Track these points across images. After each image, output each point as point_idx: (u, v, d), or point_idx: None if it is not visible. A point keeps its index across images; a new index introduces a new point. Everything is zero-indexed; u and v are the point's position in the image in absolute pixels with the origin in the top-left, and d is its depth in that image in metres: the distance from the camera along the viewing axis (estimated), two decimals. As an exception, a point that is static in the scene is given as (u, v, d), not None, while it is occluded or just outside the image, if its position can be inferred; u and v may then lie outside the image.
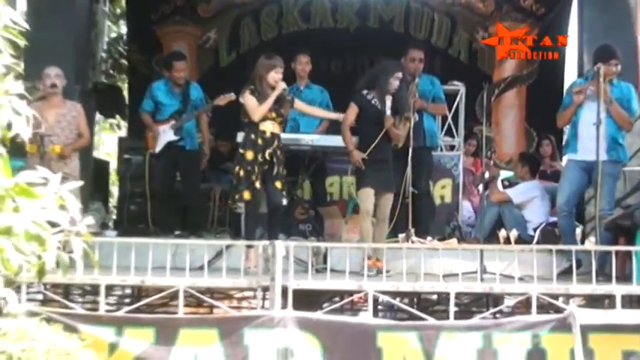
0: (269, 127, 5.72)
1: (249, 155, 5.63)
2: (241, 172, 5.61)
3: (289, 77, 6.59)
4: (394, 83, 5.74)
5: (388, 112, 5.71)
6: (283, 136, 6.01)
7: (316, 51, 8.58)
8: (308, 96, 6.90)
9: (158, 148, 6.92)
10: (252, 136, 5.67)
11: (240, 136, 5.91)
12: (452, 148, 7.73)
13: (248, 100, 5.68)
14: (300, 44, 8.38)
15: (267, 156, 5.64)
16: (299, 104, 6.03)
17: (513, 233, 6.54)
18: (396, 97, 5.78)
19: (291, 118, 6.90)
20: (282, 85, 5.72)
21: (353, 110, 5.82)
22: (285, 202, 5.78)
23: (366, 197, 5.67)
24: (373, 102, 5.79)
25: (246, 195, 5.59)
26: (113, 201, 9.48)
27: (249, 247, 5.43)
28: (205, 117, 7.17)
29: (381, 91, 5.75)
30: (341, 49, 9.39)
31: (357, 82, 5.97)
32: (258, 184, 5.60)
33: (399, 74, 5.80)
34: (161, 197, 6.94)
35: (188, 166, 6.95)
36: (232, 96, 6.55)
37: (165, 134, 6.92)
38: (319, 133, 6.77)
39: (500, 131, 9.48)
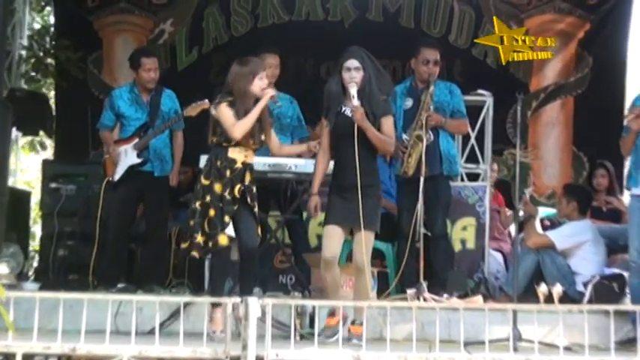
0: (240, 154, 5.74)
1: (218, 188, 5.68)
2: (211, 211, 5.64)
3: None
4: (346, 77, 5.71)
5: (355, 100, 5.63)
6: (258, 160, 6.05)
7: (302, 50, 8.72)
8: (276, 108, 6.92)
9: (117, 175, 6.99)
10: (218, 163, 5.72)
11: (203, 160, 5.95)
12: (476, 177, 7.81)
13: (223, 113, 5.70)
14: (280, 41, 8.47)
15: (236, 193, 5.68)
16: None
17: (557, 289, 6.56)
18: (364, 92, 5.70)
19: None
20: (271, 92, 5.80)
21: (323, 127, 5.84)
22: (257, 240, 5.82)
23: (329, 238, 5.66)
24: (341, 109, 5.76)
25: (223, 240, 5.63)
26: (34, 244, 9.48)
27: (214, 305, 5.46)
28: (181, 134, 7.22)
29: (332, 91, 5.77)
30: (333, 49, 9.34)
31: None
32: (226, 225, 5.64)
33: (353, 62, 5.72)
34: (114, 238, 6.99)
35: (156, 197, 7.03)
36: (206, 103, 6.62)
37: (127, 156, 7.00)
38: (305, 156, 6.76)
39: (540, 156, 9.57)
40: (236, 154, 5.74)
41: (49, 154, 10.42)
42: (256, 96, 5.74)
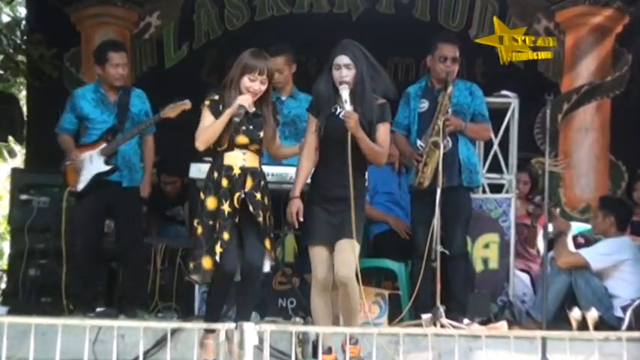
0: (237, 159, 5.65)
1: (211, 203, 5.62)
2: (199, 229, 5.60)
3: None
4: (336, 75, 5.65)
5: (348, 105, 5.56)
6: None
7: (304, 46, 8.71)
8: (292, 110, 7.00)
9: (81, 185, 6.97)
10: (215, 174, 5.66)
11: (194, 169, 5.96)
12: (499, 188, 7.82)
13: (202, 115, 5.69)
14: (280, 36, 8.49)
15: (235, 204, 5.59)
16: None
17: (592, 314, 6.58)
18: (355, 93, 5.65)
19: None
20: (239, 100, 5.58)
21: (310, 122, 5.79)
22: (267, 267, 5.75)
23: (319, 261, 5.60)
24: (335, 110, 5.70)
25: (207, 263, 5.55)
26: (2, 262, 9.50)
27: (207, 331, 5.45)
28: (151, 139, 7.24)
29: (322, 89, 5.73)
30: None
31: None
32: (224, 243, 5.53)
33: (343, 59, 5.66)
34: (82, 256, 6.97)
35: (126, 210, 7.02)
36: (187, 104, 6.61)
37: (92, 163, 6.97)
38: None
39: (572, 165, 9.55)
40: (232, 160, 5.65)
41: (19, 162, 10.45)
42: (242, 94, 5.63)
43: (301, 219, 5.65)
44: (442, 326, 5.94)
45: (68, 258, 7.06)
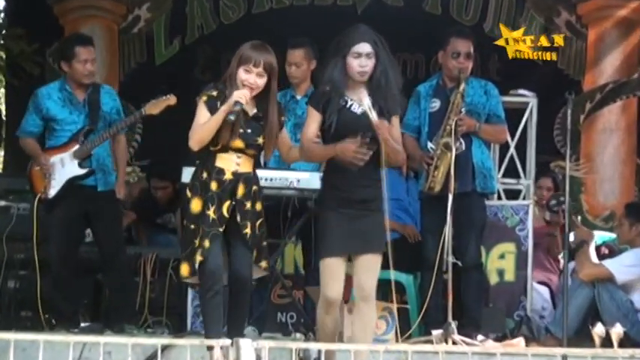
0: (230, 162, 5.58)
1: (195, 206, 5.57)
2: (184, 232, 5.62)
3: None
4: (354, 65, 5.48)
5: (373, 114, 5.43)
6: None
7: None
8: (300, 112, 6.94)
9: (53, 191, 6.94)
10: (204, 175, 5.59)
11: (186, 174, 5.96)
12: (516, 194, 7.84)
13: (197, 110, 5.63)
14: (279, 30, 8.51)
15: (225, 212, 5.55)
16: (284, 138, 5.86)
17: (616, 330, 6.56)
18: (373, 88, 5.52)
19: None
20: (235, 95, 5.51)
21: (312, 116, 5.59)
22: (257, 275, 5.73)
23: (331, 274, 5.45)
24: (345, 103, 5.54)
25: (183, 270, 5.56)
26: (-22, 275, 9.51)
27: (210, 348, 5.45)
28: (124, 138, 7.19)
29: (334, 82, 5.52)
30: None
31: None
32: (205, 252, 5.49)
33: (364, 47, 5.49)
34: (58, 268, 6.96)
35: (104, 216, 7.00)
36: (171, 99, 6.61)
37: (65, 167, 6.94)
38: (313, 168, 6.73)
39: (595, 169, 9.57)
40: (225, 163, 5.58)
41: (-4, 166, 10.47)
42: (239, 88, 5.56)
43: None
44: (454, 343, 5.96)
45: (42, 269, 7.03)
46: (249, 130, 5.59)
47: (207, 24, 9.79)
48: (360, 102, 5.48)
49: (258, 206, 5.68)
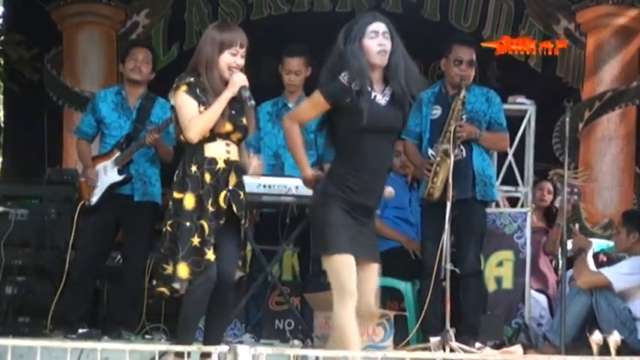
0: (220, 150, 5.39)
1: (189, 202, 5.35)
2: (177, 232, 5.33)
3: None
4: (373, 45, 5.19)
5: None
6: (250, 180, 5.86)
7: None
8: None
9: (95, 198, 6.98)
10: (193, 168, 5.37)
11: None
12: (514, 202, 7.83)
13: (182, 101, 5.41)
14: (278, 36, 8.52)
15: (221, 202, 5.35)
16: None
17: (614, 337, 6.57)
18: (391, 71, 5.26)
19: (273, 153, 7.03)
20: (239, 81, 5.38)
21: (318, 105, 5.28)
22: (237, 275, 5.50)
23: (349, 270, 5.08)
24: (373, 97, 5.22)
25: (182, 271, 5.28)
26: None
27: (178, 355, 5.39)
28: (171, 149, 6.99)
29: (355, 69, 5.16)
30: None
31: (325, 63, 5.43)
32: (209, 253, 5.32)
33: (380, 26, 5.24)
34: (81, 274, 6.99)
35: (135, 227, 6.99)
36: None
37: (107, 175, 6.99)
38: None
39: (593, 177, 9.59)
40: (215, 152, 5.39)
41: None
42: (223, 73, 5.42)
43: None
44: (452, 350, 5.95)
45: (41, 275, 7.09)
46: (233, 112, 5.43)
47: (205, 30, 9.76)
48: (384, 92, 5.23)
49: (245, 198, 5.49)
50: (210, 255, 5.31)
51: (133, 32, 9.82)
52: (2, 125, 9.73)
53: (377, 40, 5.20)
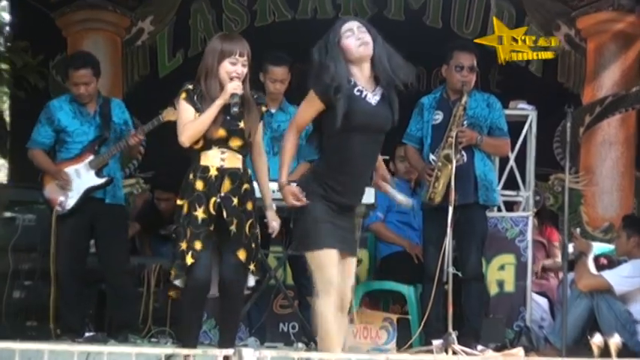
0: (214, 158, 5.49)
1: (185, 208, 5.52)
2: (176, 237, 5.57)
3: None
4: (351, 43, 5.24)
5: (398, 197, 5.48)
6: (256, 185, 5.87)
7: (307, 54, 8.77)
8: (282, 124, 6.96)
9: (72, 201, 6.95)
10: (190, 176, 5.52)
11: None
12: (515, 206, 7.87)
13: (180, 108, 5.58)
14: (281, 43, 8.54)
15: (211, 209, 5.45)
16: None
17: (615, 340, 6.57)
18: (377, 65, 5.30)
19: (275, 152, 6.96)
20: (230, 88, 5.48)
21: (313, 106, 5.26)
22: (252, 281, 5.63)
23: (333, 266, 5.13)
24: (360, 92, 5.25)
25: (173, 275, 5.54)
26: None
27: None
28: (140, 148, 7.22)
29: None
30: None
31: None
32: (196, 253, 5.42)
33: (353, 23, 5.33)
34: (67, 279, 6.98)
35: (110, 228, 7.01)
36: None
37: (81, 178, 6.96)
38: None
39: (594, 181, 9.58)
40: (209, 160, 5.51)
41: (2, 176, 10.47)
42: (224, 82, 5.52)
43: (303, 200, 5.20)
44: (454, 353, 5.97)
45: (49, 280, 7.04)
46: (228, 118, 5.50)
47: (209, 36, 9.64)
48: (374, 92, 5.27)
49: (249, 206, 5.57)
50: (188, 259, 5.43)
51: (138, 39, 9.78)
52: (9, 131, 9.72)
53: (354, 37, 5.26)
